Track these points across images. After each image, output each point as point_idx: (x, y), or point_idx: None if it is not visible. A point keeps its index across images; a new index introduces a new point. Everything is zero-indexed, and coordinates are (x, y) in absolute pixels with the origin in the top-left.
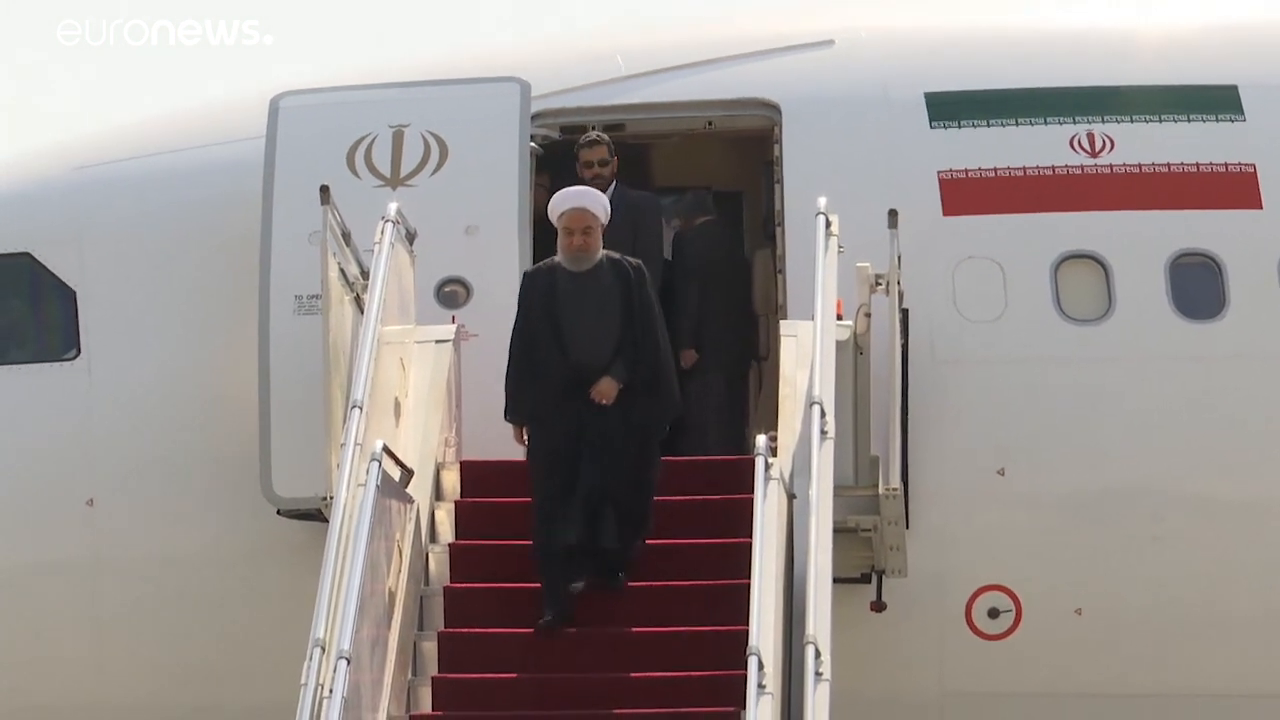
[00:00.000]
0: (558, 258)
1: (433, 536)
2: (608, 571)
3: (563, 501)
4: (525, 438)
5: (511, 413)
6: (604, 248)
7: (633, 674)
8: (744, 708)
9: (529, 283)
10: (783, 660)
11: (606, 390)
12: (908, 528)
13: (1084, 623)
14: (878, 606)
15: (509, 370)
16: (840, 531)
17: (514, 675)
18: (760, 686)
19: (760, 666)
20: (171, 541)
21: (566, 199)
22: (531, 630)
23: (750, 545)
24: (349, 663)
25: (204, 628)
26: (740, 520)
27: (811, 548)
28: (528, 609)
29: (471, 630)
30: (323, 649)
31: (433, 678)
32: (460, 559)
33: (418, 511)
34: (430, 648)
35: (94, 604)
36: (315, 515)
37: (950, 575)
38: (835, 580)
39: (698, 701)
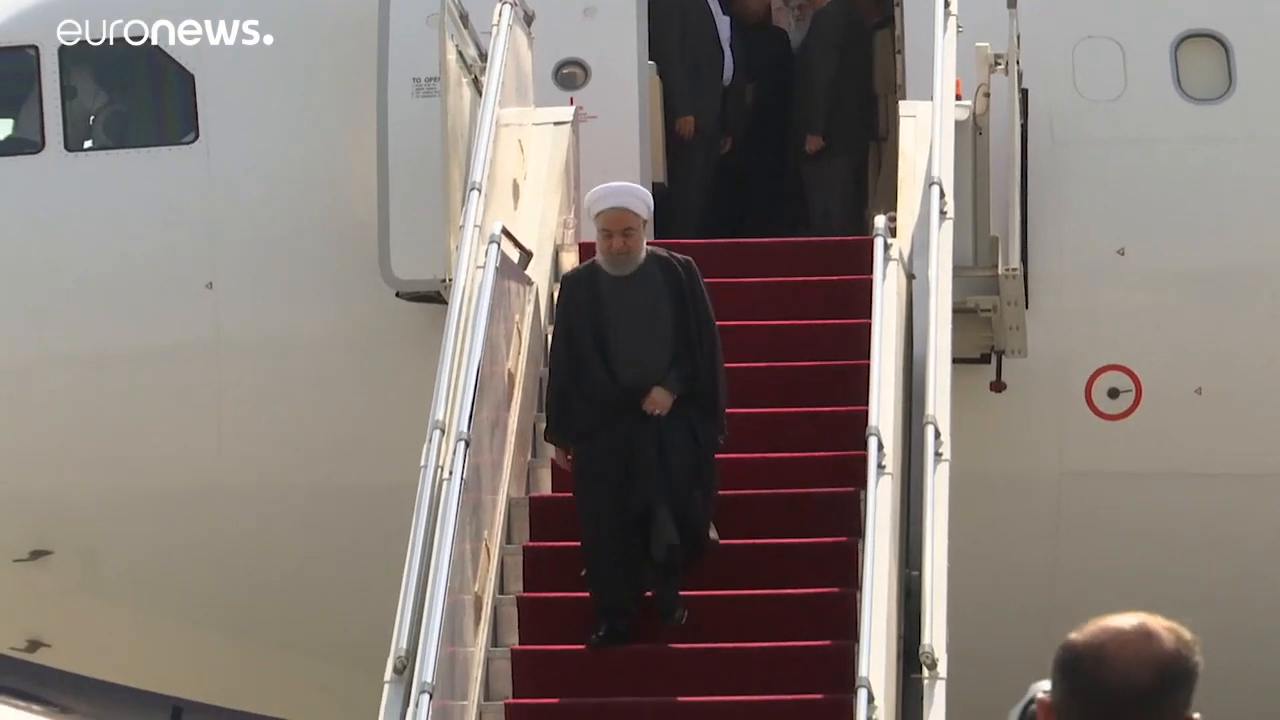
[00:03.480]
0: (598, 258)
1: (552, 318)
2: (663, 607)
3: (617, 537)
4: (569, 459)
5: (555, 432)
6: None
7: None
8: (864, 488)
9: (569, 291)
10: (902, 441)
11: (661, 401)
12: (1027, 308)
13: (1204, 402)
14: (997, 386)
15: (550, 385)
16: (959, 312)
17: None
18: (880, 467)
19: (880, 447)
20: (291, 324)
21: (604, 197)
22: None
23: (869, 326)
24: (468, 444)
25: (324, 410)
26: (860, 301)
27: (931, 328)
28: None
29: None
30: (442, 431)
31: (551, 459)
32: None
33: (537, 293)
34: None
35: (214, 387)
36: (434, 298)
37: (1070, 355)
38: (955, 360)
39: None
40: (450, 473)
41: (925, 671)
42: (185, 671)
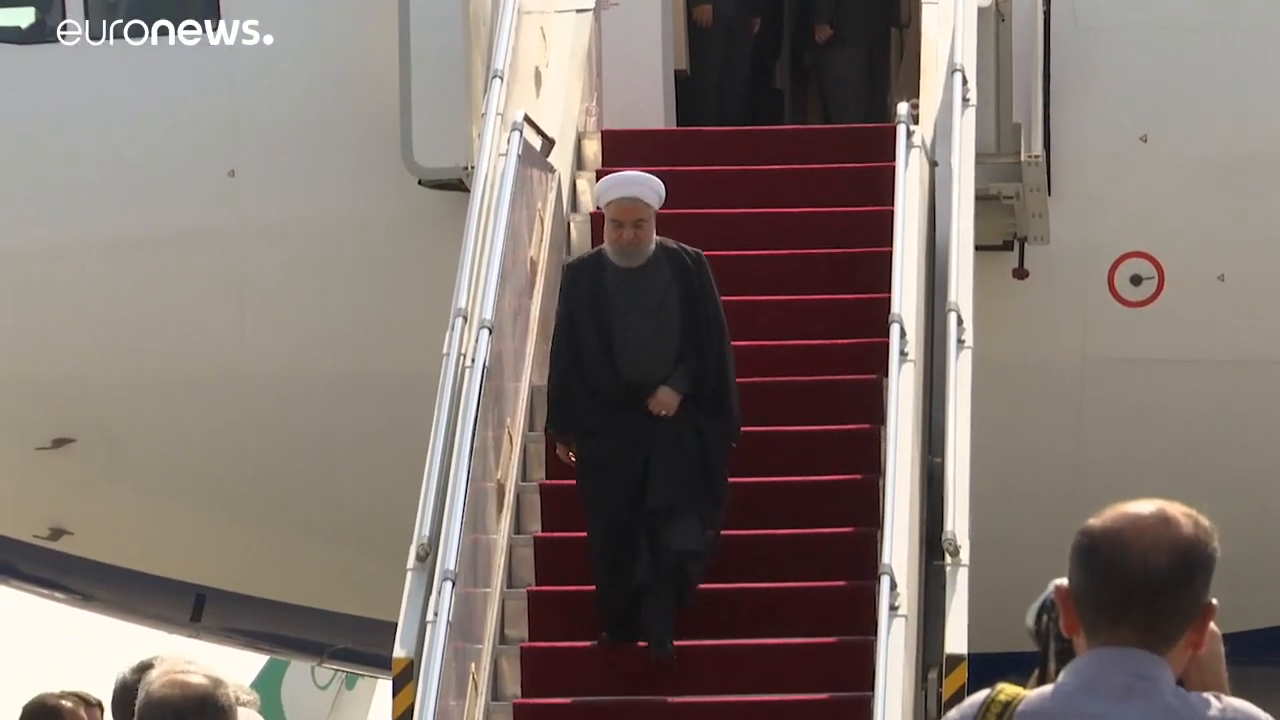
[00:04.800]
0: (605, 247)
1: (574, 205)
2: (654, 636)
3: (621, 535)
4: (571, 456)
5: (557, 426)
6: None
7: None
8: (886, 375)
9: (572, 279)
10: (925, 328)
11: (666, 400)
12: (1050, 194)
13: (1226, 289)
14: (1020, 273)
15: (552, 378)
16: (982, 199)
17: None
18: (902, 354)
19: (902, 334)
20: (314, 212)
21: (615, 186)
22: None
23: (892, 213)
24: (491, 332)
25: (346, 298)
26: (882, 188)
27: (953, 215)
28: None
29: None
30: (464, 318)
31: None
32: (601, 228)
33: (559, 181)
34: None
35: (237, 275)
36: (457, 185)
37: (1093, 242)
38: (977, 247)
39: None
40: (473, 360)
41: (948, 558)
42: (208, 559)
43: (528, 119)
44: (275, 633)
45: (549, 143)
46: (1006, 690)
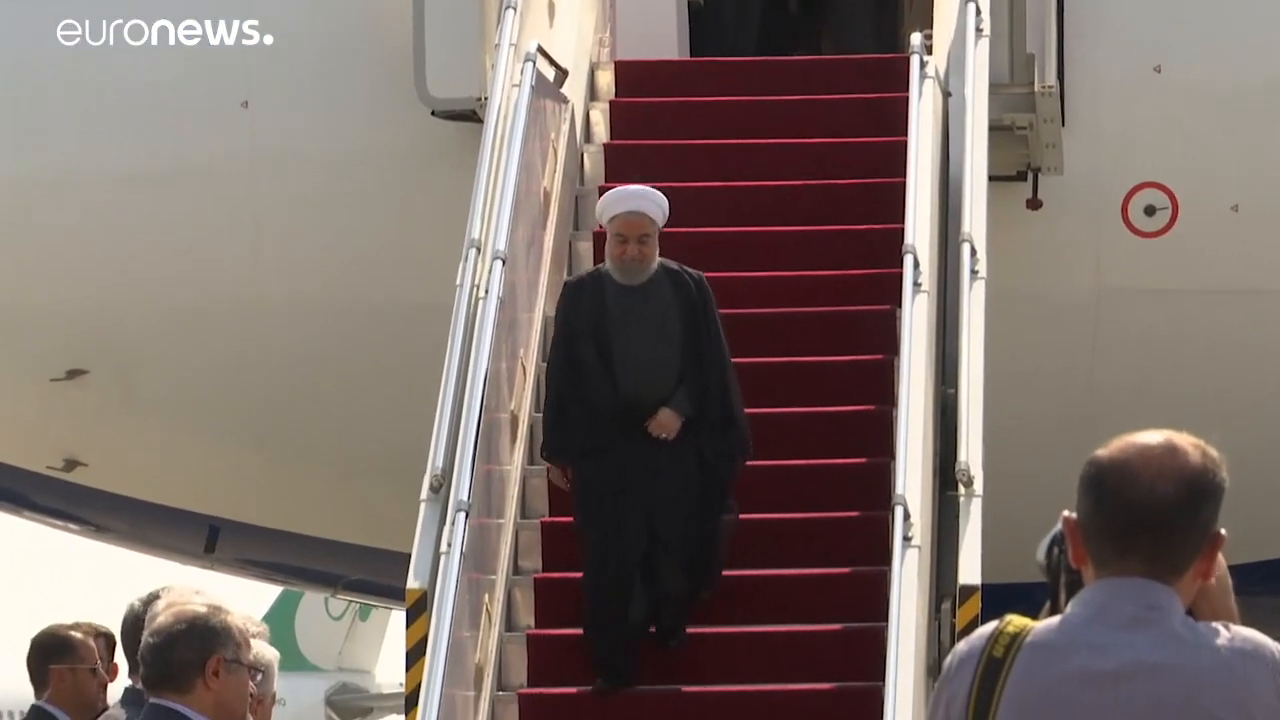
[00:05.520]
0: (605, 265)
1: (588, 136)
2: (665, 630)
3: (618, 565)
4: (568, 479)
5: (553, 450)
6: None
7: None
8: (900, 306)
9: (571, 298)
10: (938, 259)
11: (667, 423)
12: (1063, 125)
13: (1240, 219)
14: (1034, 204)
15: (549, 400)
16: (995, 129)
17: None
18: (916, 284)
19: (916, 264)
20: (327, 143)
21: (620, 200)
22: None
23: (905, 143)
24: (504, 262)
25: (360, 228)
26: (895, 119)
27: (967, 145)
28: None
29: None
30: (478, 249)
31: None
32: (615, 159)
33: (572, 111)
34: (585, 248)
35: (250, 205)
36: (470, 116)
37: (1106, 172)
38: (991, 178)
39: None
40: (486, 291)
41: (961, 489)
42: (222, 490)
43: (541, 50)
44: (289, 564)
45: (562, 73)
46: (1015, 622)
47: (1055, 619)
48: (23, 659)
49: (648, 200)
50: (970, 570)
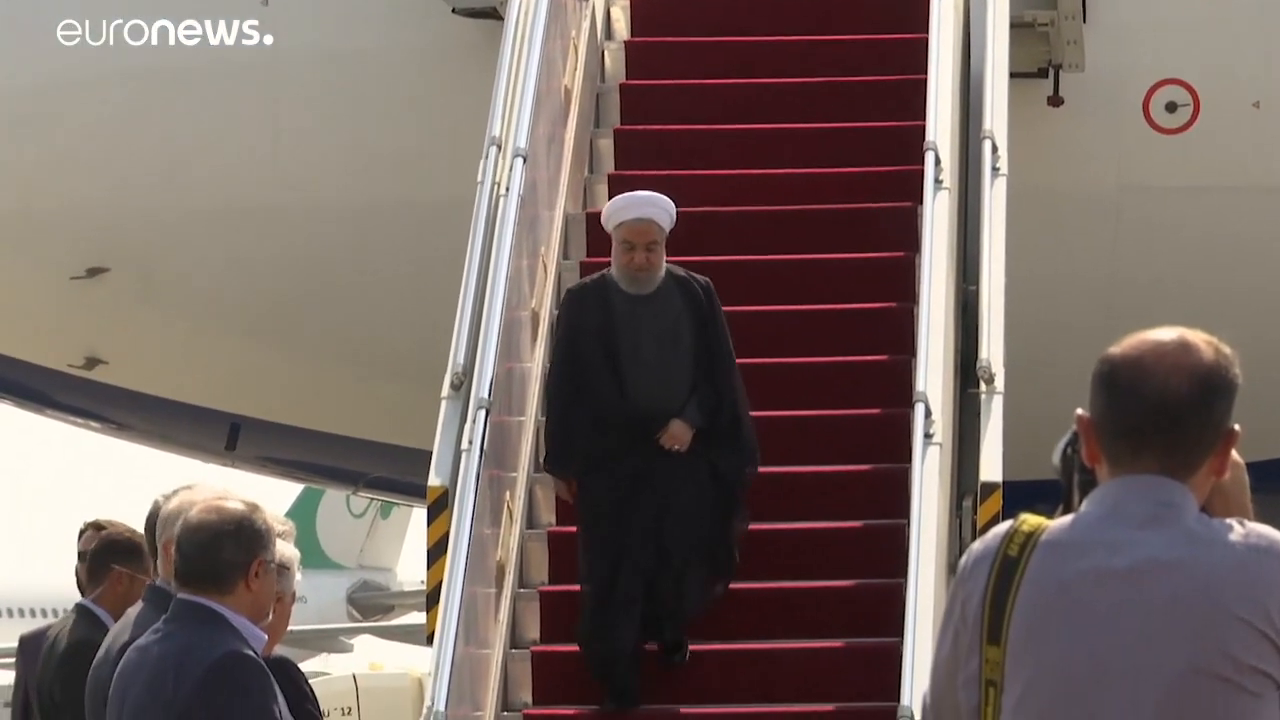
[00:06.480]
0: (608, 272)
1: (609, 33)
2: (669, 646)
3: (626, 585)
4: (572, 493)
5: (556, 463)
6: None
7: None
8: (920, 202)
9: (575, 305)
10: (959, 156)
11: (679, 435)
12: (1085, 21)
13: (1262, 115)
14: (1055, 101)
15: (552, 412)
16: (1017, 26)
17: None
18: (937, 181)
19: (937, 161)
20: (348, 40)
21: (627, 206)
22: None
23: (926, 40)
24: (525, 160)
25: (380, 126)
26: (916, 15)
27: (988, 41)
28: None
29: (648, 127)
30: (499, 147)
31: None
32: (635, 56)
33: (594, 8)
34: (606, 145)
35: (270, 103)
36: (490, 13)
37: (1128, 69)
38: (1012, 75)
39: None
40: (507, 188)
41: (982, 386)
42: (243, 388)
43: None
44: (310, 461)
45: None
46: (1029, 521)
47: (1069, 517)
48: (12, 556)
49: (655, 207)
50: (991, 467)
